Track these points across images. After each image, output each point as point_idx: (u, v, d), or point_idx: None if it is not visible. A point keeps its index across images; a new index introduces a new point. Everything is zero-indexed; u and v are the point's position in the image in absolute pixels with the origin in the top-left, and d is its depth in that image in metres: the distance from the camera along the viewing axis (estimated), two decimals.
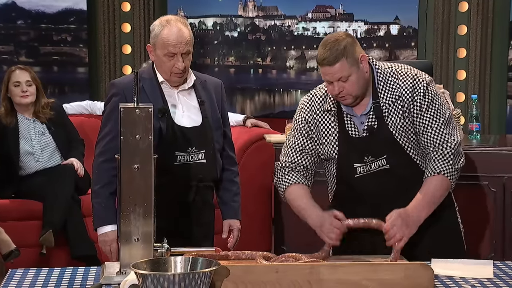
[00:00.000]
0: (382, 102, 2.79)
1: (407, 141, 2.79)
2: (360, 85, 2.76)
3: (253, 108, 6.77)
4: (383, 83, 2.81)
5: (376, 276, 2.26)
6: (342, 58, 2.70)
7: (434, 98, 2.80)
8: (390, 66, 2.86)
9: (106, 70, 6.62)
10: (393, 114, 2.79)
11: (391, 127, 2.78)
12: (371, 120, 2.80)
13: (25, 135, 4.91)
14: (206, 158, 3.10)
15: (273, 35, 6.74)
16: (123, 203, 2.41)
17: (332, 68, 2.71)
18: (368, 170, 2.81)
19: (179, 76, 3.07)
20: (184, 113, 3.10)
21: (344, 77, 2.72)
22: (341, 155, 2.84)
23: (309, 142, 2.88)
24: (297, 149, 2.89)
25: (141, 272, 2.02)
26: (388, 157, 2.79)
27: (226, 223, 3.25)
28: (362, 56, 2.76)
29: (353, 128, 2.82)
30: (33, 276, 2.47)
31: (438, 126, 2.78)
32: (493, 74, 6.33)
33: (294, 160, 2.89)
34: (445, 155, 2.76)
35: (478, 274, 2.47)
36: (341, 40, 2.72)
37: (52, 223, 4.61)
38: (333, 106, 2.84)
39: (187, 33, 3.04)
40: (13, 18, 6.58)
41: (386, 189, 2.79)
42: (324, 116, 2.86)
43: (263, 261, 2.50)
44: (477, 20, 6.26)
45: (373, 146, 2.80)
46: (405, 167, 2.80)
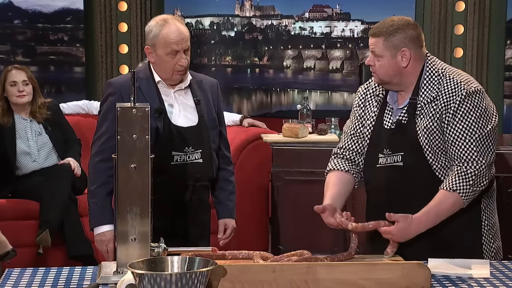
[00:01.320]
0: (419, 100, 2.76)
1: (429, 145, 2.74)
2: (388, 72, 2.76)
3: (250, 108, 6.77)
4: (427, 81, 2.77)
5: (373, 275, 2.26)
6: (381, 36, 2.74)
7: (473, 110, 2.71)
8: (444, 67, 2.80)
9: (103, 69, 6.62)
10: (425, 114, 2.74)
11: (418, 127, 2.75)
12: (403, 115, 2.79)
13: (22, 135, 4.90)
14: (202, 158, 3.10)
15: (270, 34, 6.74)
16: (120, 202, 2.41)
17: (371, 38, 2.77)
18: (385, 163, 2.81)
19: (182, 73, 3.07)
20: (181, 113, 3.10)
21: (376, 54, 2.76)
22: (371, 142, 2.86)
23: (360, 125, 2.90)
24: (349, 133, 2.92)
25: (138, 271, 2.02)
26: (405, 155, 2.77)
27: (222, 222, 3.26)
28: (404, 51, 2.73)
29: (388, 118, 2.82)
30: (30, 276, 2.47)
31: (469, 142, 2.70)
32: (489, 73, 6.34)
33: (345, 145, 2.92)
34: (467, 174, 2.69)
35: (475, 273, 2.48)
36: (398, 24, 2.74)
37: (49, 223, 4.60)
38: (381, 93, 2.86)
39: (185, 29, 3.07)
40: (9, 18, 6.57)
41: (396, 185, 2.78)
42: (373, 100, 2.89)
43: (260, 261, 2.50)
44: (473, 19, 6.26)
45: (394, 140, 2.79)
46: (419, 170, 2.75)
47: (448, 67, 2.82)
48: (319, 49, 6.68)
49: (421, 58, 2.78)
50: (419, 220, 2.65)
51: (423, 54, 2.79)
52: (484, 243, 2.84)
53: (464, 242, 2.79)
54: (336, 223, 2.70)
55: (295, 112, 5.30)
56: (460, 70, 2.83)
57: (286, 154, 4.68)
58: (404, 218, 2.63)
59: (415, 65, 2.77)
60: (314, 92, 6.76)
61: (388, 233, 2.63)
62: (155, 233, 2.47)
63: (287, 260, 2.50)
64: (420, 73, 2.78)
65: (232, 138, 4.48)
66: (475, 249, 2.82)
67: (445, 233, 2.74)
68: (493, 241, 2.87)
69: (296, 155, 4.66)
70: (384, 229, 2.64)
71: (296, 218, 4.62)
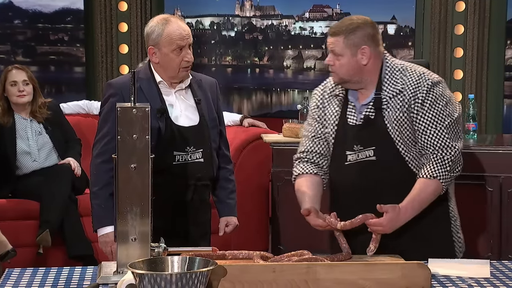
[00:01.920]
0: (383, 95, 2.80)
1: (400, 137, 2.79)
2: (349, 71, 2.79)
3: (250, 108, 6.77)
4: (388, 76, 2.82)
5: (373, 275, 2.26)
6: (341, 35, 2.77)
7: (439, 99, 2.78)
8: (402, 63, 2.87)
9: (103, 69, 6.62)
10: (392, 108, 2.79)
11: (387, 120, 2.79)
12: (370, 110, 2.82)
13: (22, 135, 4.90)
14: (203, 157, 3.11)
15: (270, 34, 6.74)
16: (120, 202, 2.41)
17: (330, 38, 2.81)
18: (356, 159, 2.83)
19: (188, 69, 3.10)
20: (182, 113, 3.11)
21: (336, 53, 2.79)
22: (336, 140, 2.87)
23: (320, 126, 2.92)
24: (310, 135, 2.94)
25: (138, 271, 2.02)
26: (377, 149, 2.80)
27: (223, 220, 3.26)
28: (364, 48, 2.78)
29: (352, 116, 2.85)
30: (30, 276, 2.47)
31: (440, 129, 2.77)
32: (490, 73, 6.33)
33: (307, 148, 2.93)
34: (444, 160, 2.76)
35: (475, 273, 2.48)
36: (357, 23, 2.79)
37: (49, 223, 4.60)
38: (341, 92, 2.89)
39: (186, 25, 3.10)
40: (10, 18, 6.57)
41: (370, 180, 2.80)
42: (332, 100, 2.91)
43: (260, 261, 2.50)
44: (474, 19, 6.26)
45: (364, 136, 2.81)
46: (392, 162, 2.80)
47: (406, 63, 2.88)
48: (319, 49, 6.68)
49: (379, 56, 2.83)
50: (405, 209, 2.71)
51: (381, 52, 2.84)
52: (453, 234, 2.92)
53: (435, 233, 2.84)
54: (324, 224, 2.72)
55: (295, 112, 5.29)
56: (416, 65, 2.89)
57: (286, 154, 4.66)
58: (392, 208, 2.67)
59: (375, 63, 2.82)
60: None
61: (378, 225, 2.66)
62: (156, 233, 2.47)
63: (287, 260, 2.50)
64: (380, 70, 2.82)
65: (232, 138, 4.48)
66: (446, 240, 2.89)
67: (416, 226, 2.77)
68: (460, 233, 2.95)
69: None
70: (374, 221, 2.66)
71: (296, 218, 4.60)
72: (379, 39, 2.84)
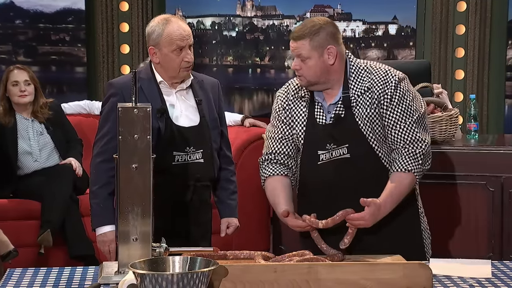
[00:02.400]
0: (351, 93, 2.82)
1: (372, 133, 2.82)
2: (317, 73, 2.80)
3: (251, 108, 6.77)
4: (354, 75, 2.84)
5: (374, 275, 2.26)
6: (306, 38, 2.77)
7: (406, 94, 2.81)
8: (365, 62, 2.90)
9: (104, 69, 6.62)
10: (361, 105, 2.81)
11: (357, 118, 2.81)
12: (339, 109, 2.83)
13: (24, 135, 4.91)
14: (203, 158, 3.11)
15: (271, 34, 6.74)
16: (121, 202, 2.41)
17: (295, 42, 2.80)
18: (330, 158, 2.84)
19: (188, 69, 3.10)
20: (182, 113, 3.11)
21: (303, 57, 2.79)
22: (307, 141, 2.88)
23: (287, 128, 2.92)
24: (277, 137, 2.93)
25: (139, 271, 2.02)
26: (350, 147, 2.82)
27: (224, 221, 3.26)
28: (330, 48, 2.79)
29: (321, 115, 2.86)
30: (31, 276, 2.47)
31: (409, 123, 2.80)
32: (491, 73, 6.33)
33: (274, 150, 2.93)
34: (416, 154, 2.79)
35: (476, 273, 2.48)
36: (318, 24, 2.79)
37: (50, 223, 4.60)
38: (306, 94, 2.90)
39: (187, 26, 3.11)
40: (11, 18, 6.57)
41: (345, 178, 2.82)
42: (297, 102, 2.92)
43: (261, 261, 2.50)
44: (475, 19, 6.26)
45: (336, 134, 2.83)
46: (366, 159, 2.82)
47: (368, 61, 2.90)
48: None
49: (343, 55, 2.85)
50: (385, 203, 2.73)
51: (344, 50, 2.85)
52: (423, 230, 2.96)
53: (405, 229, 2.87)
54: (304, 224, 2.72)
55: None
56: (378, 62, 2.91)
57: None
58: (374, 202, 2.69)
59: (340, 62, 2.83)
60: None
61: (360, 219, 2.67)
62: (156, 233, 2.47)
63: (288, 260, 2.50)
64: (345, 69, 2.84)
65: (233, 138, 4.48)
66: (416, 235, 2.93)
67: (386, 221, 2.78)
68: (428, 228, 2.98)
69: None
70: (356, 215, 2.67)
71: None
72: (340, 37, 2.85)
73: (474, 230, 4.14)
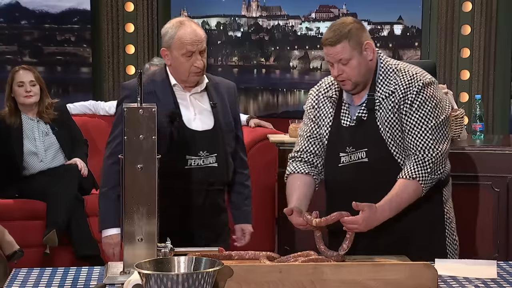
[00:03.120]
0: (376, 96, 2.79)
1: (391, 138, 2.78)
2: (361, 72, 2.77)
3: (257, 108, 6.77)
4: (382, 77, 2.81)
5: (380, 276, 2.26)
6: (344, 40, 2.73)
7: (428, 100, 2.76)
8: (396, 63, 2.84)
9: (110, 70, 6.63)
10: (384, 109, 2.78)
11: (379, 121, 2.78)
12: (362, 111, 2.81)
13: (29, 135, 4.92)
14: (217, 162, 3.08)
15: (276, 35, 6.74)
16: (126, 203, 2.42)
17: (333, 48, 2.74)
18: (349, 161, 2.82)
19: (198, 74, 3.06)
20: (196, 116, 3.08)
21: (345, 60, 2.74)
22: (330, 142, 2.87)
23: (316, 127, 2.91)
24: (305, 135, 2.93)
25: (144, 272, 2.02)
26: (369, 151, 2.79)
27: (238, 227, 3.25)
28: (367, 43, 2.76)
29: (346, 117, 2.84)
30: (37, 276, 2.48)
31: (425, 130, 2.74)
32: (496, 74, 6.32)
33: (302, 148, 2.92)
34: (425, 161, 2.73)
35: (481, 274, 2.47)
36: (347, 23, 2.76)
37: (55, 223, 4.61)
38: (335, 94, 2.88)
39: (201, 31, 3.07)
40: (16, 18, 6.59)
41: (363, 182, 2.79)
42: (326, 102, 2.90)
43: (266, 261, 2.50)
44: (480, 20, 6.25)
45: (356, 138, 2.81)
46: (384, 163, 2.78)
47: (401, 62, 2.85)
48: None
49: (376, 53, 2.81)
50: (382, 208, 2.68)
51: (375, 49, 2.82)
52: (447, 236, 2.90)
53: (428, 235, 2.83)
54: (304, 222, 2.70)
55: (302, 112, 5.22)
56: (411, 65, 2.87)
57: None
58: (369, 207, 2.65)
59: (374, 59, 2.80)
60: None
61: (353, 223, 2.63)
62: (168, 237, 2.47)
63: (293, 261, 2.50)
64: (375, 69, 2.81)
65: None
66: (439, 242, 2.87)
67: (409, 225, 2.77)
68: (455, 235, 2.93)
69: None
70: (349, 219, 2.63)
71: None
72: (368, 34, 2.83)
73: (480, 231, 4.14)
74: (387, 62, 2.83)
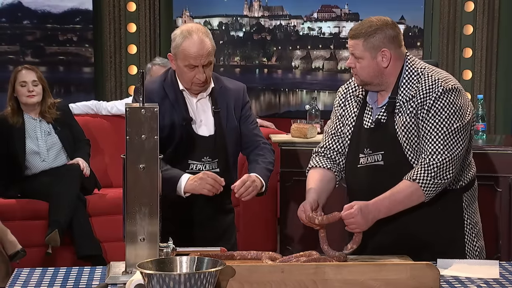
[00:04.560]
0: (398, 99, 2.77)
1: (407, 142, 2.75)
2: (369, 73, 2.76)
3: (259, 108, 6.77)
4: (406, 80, 2.77)
5: (382, 276, 2.26)
6: (360, 38, 2.73)
7: (446, 107, 2.70)
8: (423, 66, 2.80)
9: (112, 70, 6.63)
10: (403, 113, 2.75)
11: (397, 125, 2.76)
12: (382, 114, 2.79)
13: (31, 135, 4.92)
14: (219, 167, 3.08)
15: (278, 35, 6.74)
16: (128, 202, 2.42)
17: (350, 40, 2.78)
18: (366, 163, 2.81)
19: (200, 86, 3.04)
20: (202, 122, 3.08)
21: (356, 56, 2.75)
22: (351, 142, 2.86)
23: (341, 125, 2.90)
24: (330, 132, 2.92)
25: (146, 272, 2.02)
26: (385, 154, 2.77)
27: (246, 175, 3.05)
28: (383, 51, 2.73)
29: (368, 118, 2.82)
30: (39, 275, 2.48)
31: (436, 135, 2.70)
32: (499, 74, 6.32)
33: (326, 145, 2.92)
34: (429, 165, 2.68)
35: (484, 274, 2.47)
36: (377, 25, 2.74)
37: (58, 223, 4.61)
38: (360, 93, 2.86)
39: (209, 43, 3.02)
40: (19, 18, 6.59)
41: (378, 184, 2.76)
42: (352, 101, 2.89)
43: (268, 261, 2.50)
44: (483, 20, 6.25)
45: (374, 140, 2.79)
46: (400, 167, 2.75)
47: (428, 66, 2.81)
48: (328, 49, 6.68)
49: (400, 58, 2.78)
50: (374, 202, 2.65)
51: (403, 53, 2.79)
52: (467, 242, 2.85)
53: (446, 241, 2.80)
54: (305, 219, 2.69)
55: (304, 112, 5.29)
56: (440, 69, 2.83)
57: (295, 155, 4.67)
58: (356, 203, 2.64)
59: (395, 65, 2.77)
60: (322, 93, 6.76)
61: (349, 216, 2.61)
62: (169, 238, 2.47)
63: (295, 261, 2.50)
64: (400, 72, 2.78)
65: None
66: (458, 248, 2.83)
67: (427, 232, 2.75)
68: (476, 240, 2.88)
69: (304, 156, 4.65)
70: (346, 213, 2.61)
71: None
72: (400, 40, 2.77)
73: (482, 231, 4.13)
74: (413, 65, 2.79)
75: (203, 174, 2.95)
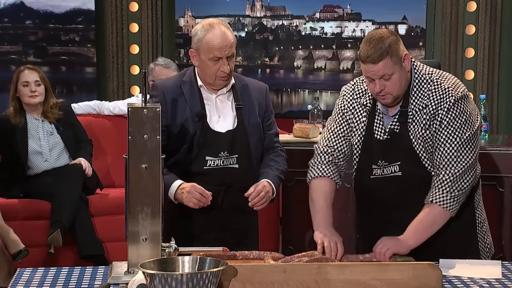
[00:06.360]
0: (410, 108, 2.73)
1: (425, 152, 2.73)
2: (402, 85, 2.71)
3: None
4: (417, 88, 2.75)
5: (384, 276, 2.26)
6: (386, 57, 2.65)
7: (458, 116, 2.69)
8: (430, 72, 2.78)
9: (114, 70, 6.64)
10: (417, 122, 2.73)
11: (412, 135, 2.73)
12: (395, 123, 2.76)
13: (34, 135, 4.92)
14: (238, 163, 3.04)
15: (280, 35, 6.74)
16: (131, 202, 2.42)
17: (375, 66, 2.66)
18: (381, 174, 2.78)
19: (225, 79, 3.03)
20: (220, 118, 3.06)
21: (387, 75, 2.68)
22: (363, 152, 2.83)
23: (347, 127, 2.87)
24: (338, 133, 2.87)
25: (149, 271, 2.03)
26: (402, 165, 2.74)
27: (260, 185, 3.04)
28: (405, 55, 2.71)
29: (379, 128, 2.79)
30: (41, 275, 2.48)
31: (451, 147, 2.69)
32: (501, 74, 6.32)
33: (335, 145, 2.87)
34: (443, 182, 2.68)
35: (486, 274, 2.47)
36: (386, 37, 2.67)
37: (60, 223, 4.62)
38: (369, 102, 2.82)
39: (231, 35, 3.03)
40: (21, 18, 6.60)
41: (395, 195, 2.75)
42: (359, 109, 2.85)
43: (271, 261, 2.50)
44: (485, 20, 6.25)
45: (389, 151, 2.76)
46: (418, 177, 2.74)
47: (435, 71, 2.78)
48: (330, 49, 6.68)
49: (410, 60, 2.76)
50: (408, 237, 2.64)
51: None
52: (479, 239, 2.87)
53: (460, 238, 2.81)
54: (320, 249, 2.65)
55: (306, 112, 5.29)
56: (446, 73, 2.80)
57: (297, 155, 4.66)
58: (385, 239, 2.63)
59: (410, 67, 2.75)
60: (324, 93, 6.76)
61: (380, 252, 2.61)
62: (184, 238, 2.46)
63: (298, 261, 2.50)
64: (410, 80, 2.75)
65: None
66: (471, 245, 2.84)
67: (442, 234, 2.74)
68: (486, 237, 2.90)
69: (306, 156, 4.63)
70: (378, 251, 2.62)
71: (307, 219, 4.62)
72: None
73: None
74: (421, 72, 2.77)
75: (192, 187, 2.93)
